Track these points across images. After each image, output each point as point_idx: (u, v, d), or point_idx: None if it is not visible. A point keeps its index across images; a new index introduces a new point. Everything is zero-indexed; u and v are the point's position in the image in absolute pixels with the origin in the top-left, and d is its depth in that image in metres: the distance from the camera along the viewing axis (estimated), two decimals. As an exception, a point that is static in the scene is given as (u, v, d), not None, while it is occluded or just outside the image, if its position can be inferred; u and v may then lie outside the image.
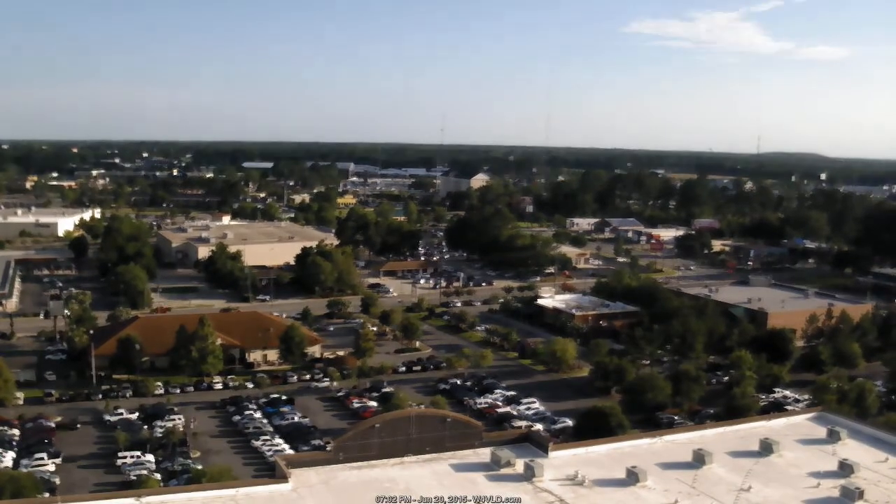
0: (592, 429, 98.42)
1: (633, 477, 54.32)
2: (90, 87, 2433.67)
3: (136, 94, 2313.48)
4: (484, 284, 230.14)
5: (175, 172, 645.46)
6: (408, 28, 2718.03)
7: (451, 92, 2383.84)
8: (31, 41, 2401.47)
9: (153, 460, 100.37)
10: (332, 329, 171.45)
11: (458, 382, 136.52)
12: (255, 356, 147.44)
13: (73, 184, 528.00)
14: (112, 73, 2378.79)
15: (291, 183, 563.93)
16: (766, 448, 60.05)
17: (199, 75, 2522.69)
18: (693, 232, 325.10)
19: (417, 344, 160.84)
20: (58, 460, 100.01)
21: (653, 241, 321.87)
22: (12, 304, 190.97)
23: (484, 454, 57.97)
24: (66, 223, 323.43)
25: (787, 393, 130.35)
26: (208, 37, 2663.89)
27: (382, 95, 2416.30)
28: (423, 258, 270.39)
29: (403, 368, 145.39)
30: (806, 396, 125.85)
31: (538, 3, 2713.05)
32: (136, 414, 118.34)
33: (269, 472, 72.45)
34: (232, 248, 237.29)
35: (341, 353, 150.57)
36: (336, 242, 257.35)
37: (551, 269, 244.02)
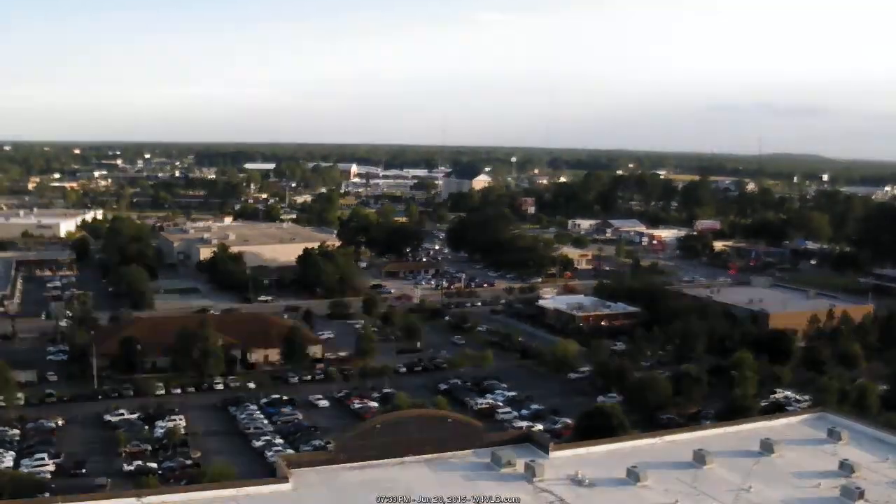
0: (593, 429, 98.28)
1: (633, 477, 54.32)
2: (92, 87, 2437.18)
3: (137, 95, 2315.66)
4: (485, 285, 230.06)
5: (177, 174, 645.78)
6: (408, 27, 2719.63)
7: (453, 92, 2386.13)
8: (31, 41, 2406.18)
9: (153, 460, 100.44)
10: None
11: (459, 383, 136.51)
12: (256, 356, 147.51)
13: (74, 185, 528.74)
14: (113, 73, 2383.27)
15: (293, 184, 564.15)
16: (767, 448, 60.02)
17: (199, 75, 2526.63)
18: (695, 233, 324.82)
19: (419, 345, 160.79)
20: (58, 461, 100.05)
21: (654, 243, 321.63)
22: (14, 305, 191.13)
23: (484, 454, 58.00)
24: (67, 224, 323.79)
25: (788, 393, 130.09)
26: (208, 36, 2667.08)
27: (384, 96, 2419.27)
28: (424, 259, 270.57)
29: (404, 369, 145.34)
30: (807, 397, 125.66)
31: (535, 4, 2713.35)
32: (137, 414, 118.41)
33: (270, 472, 72.51)
34: (234, 249, 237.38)
35: (343, 353, 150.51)
36: (338, 243, 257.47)
37: (553, 270, 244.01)
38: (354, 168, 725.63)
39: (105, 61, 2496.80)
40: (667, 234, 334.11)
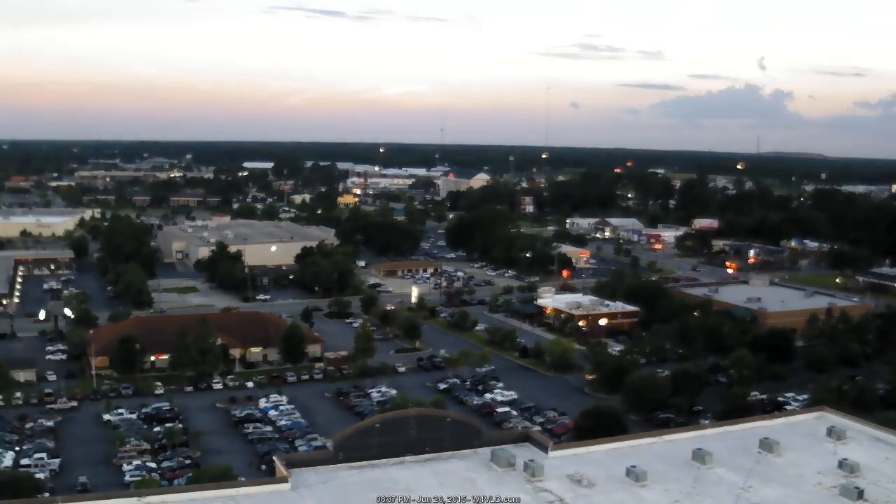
0: (592, 428, 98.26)
1: (633, 477, 54.18)
2: (92, 86, 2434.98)
3: (136, 94, 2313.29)
4: (484, 284, 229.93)
5: (175, 172, 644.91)
6: (408, 26, 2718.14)
7: (452, 91, 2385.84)
8: (30, 40, 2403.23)
9: (153, 460, 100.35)
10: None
11: (458, 382, 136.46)
12: (255, 355, 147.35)
13: (73, 184, 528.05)
14: (113, 72, 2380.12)
15: (292, 183, 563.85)
16: (767, 448, 59.89)
17: (199, 74, 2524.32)
18: (693, 232, 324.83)
19: (417, 343, 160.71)
20: (57, 460, 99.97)
21: (653, 241, 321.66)
22: (13, 304, 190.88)
23: (484, 454, 57.85)
24: (66, 223, 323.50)
25: (788, 393, 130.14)
26: (208, 35, 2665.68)
27: (383, 94, 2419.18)
28: (423, 258, 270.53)
29: (403, 368, 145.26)
30: (806, 396, 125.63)
31: (531, 4, 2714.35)
32: (136, 414, 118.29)
33: (269, 472, 72.45)
34: (232, 248, 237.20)
35: (343, 353, 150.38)
36: (336, 242, 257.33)
37: (551, 269, 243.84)
38: (353, 167, 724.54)
39: (104, 59, 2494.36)
40: (665, 232, 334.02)
